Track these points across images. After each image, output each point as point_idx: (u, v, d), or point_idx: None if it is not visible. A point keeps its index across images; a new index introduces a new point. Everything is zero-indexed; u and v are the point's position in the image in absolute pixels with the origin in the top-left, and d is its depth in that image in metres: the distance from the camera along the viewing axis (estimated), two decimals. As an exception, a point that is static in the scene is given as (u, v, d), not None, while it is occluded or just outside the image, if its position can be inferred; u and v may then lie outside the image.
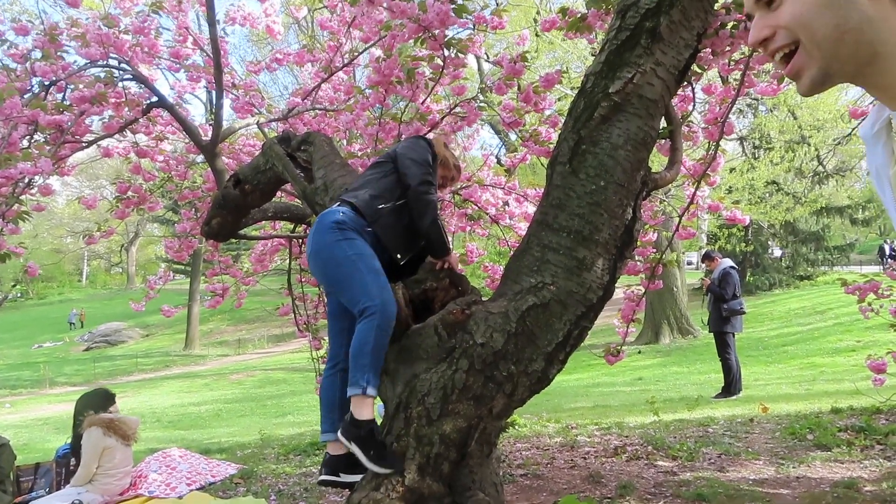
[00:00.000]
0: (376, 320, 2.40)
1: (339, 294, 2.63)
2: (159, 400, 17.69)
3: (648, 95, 2.50)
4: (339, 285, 2.56)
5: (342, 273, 2.53)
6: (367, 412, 2.44)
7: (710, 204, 4.94)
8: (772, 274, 25.00)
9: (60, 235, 47.96)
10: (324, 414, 2.72)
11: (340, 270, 2.53)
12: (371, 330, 2.39)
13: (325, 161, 3.28)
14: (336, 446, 2.65)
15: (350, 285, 2.50)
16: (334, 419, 2.65)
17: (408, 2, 3.42)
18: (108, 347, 34.13)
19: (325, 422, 2.70)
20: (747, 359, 12.94)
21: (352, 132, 4.70)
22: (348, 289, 2.51)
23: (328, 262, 2.57)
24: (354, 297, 2.47)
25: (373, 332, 2.39)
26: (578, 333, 2.55)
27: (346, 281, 2.51)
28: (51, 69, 3.98)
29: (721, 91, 3.90)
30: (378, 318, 2.40)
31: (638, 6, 2.49)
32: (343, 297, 2.58)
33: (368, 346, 2.39)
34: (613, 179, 2.49)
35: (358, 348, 2.41)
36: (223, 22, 5.02)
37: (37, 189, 3.92)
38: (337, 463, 2.64)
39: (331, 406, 2.69)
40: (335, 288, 2.63)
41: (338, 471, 2.63)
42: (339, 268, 2.53)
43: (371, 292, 2.44)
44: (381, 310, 2.41)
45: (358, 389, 2.41)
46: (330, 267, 2.57)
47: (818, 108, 17.36)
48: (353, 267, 2.51)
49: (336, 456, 2.66)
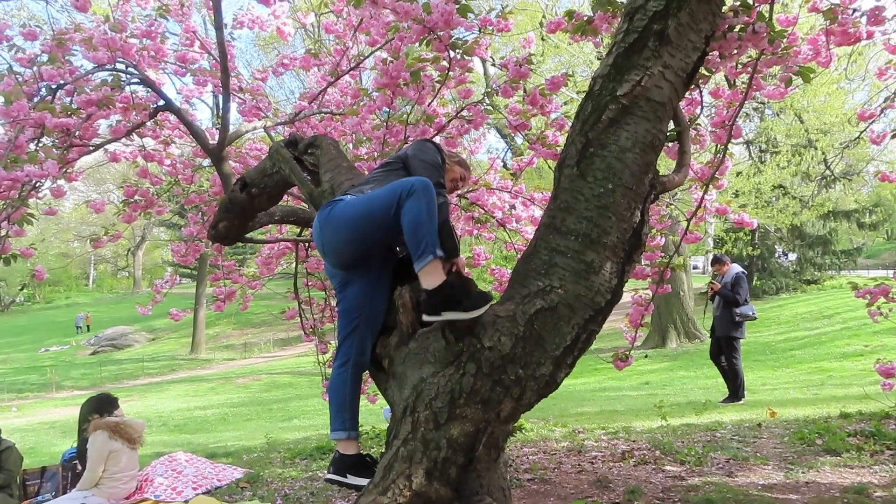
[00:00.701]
0: (420, 194, 2.39)
1: (370, 226, 2.53)
2: (165, 404, 17.72)
3: (656, 98, 2.49)
4: (368, 215, 2.51)
5: (362, 207, 2.53)
6: (439, 277, 2.41)
7: (717, 207, 4.93)
8: (779, 278, 24.92)
9: (67, 240, 48.19)
10: (333, 413, 2.69)
11: (360, 207, 2.53)
12: (420, 200, 2.38)
13: (332, 164, 3.27)
14: (345, 445, 2.64)
15: (378, 202, 2.49)
16: (345, 418, 2.64)
17: (412, 3, 3.42)
18: (115, 351, 34.22)
19: (334, 421, 2.67)
20: (754, 363, 12.90)
21: (358, 136, 4.70)
22: (377, 206, 2.48)
23: (343, 217, 2.55)
24: (388, 199, 2.44)
25: (422, 200, 2.38)
26: (586, 337, 2.53)
27: (372, 202, 2.51)
28: (58, 73, 3.99)
29: (729, 94, 3.88)
30: (420, 190, 2.39)
31: (646, 9, 2.47)
32: (376, 218, 2.49)
33: (423, 215, 2.38)
34: (621, 182, 2.47)
35: (416, 223, 2.38)
36: (231, 26, 5.03)
37: (46, 192, 3.93)
38: (345, 464, 2.63)
39: (341, 405, 2.67)
40: (364, 222, 2.53)
41: (345, 472, 2.61)
42: (358, 206, 2.54)
43: (401, 183, 2.44)
44: (419, 184, 2.41)
45: (430, 256, 2.38)
46: (348, 216, 2.54)
47: (825, 112, 17.31)
48: (369, 197, 2.54)
49: (345, 456, 2.64)
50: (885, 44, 4.48)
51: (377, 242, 2.62)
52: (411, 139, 4.14)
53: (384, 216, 2.45)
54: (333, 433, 2.68)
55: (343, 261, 2.67)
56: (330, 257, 2.70)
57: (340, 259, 2.67)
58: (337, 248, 2.64)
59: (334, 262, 2.70)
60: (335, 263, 2.70)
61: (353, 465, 2.60)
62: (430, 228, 2.39)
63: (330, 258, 2.70)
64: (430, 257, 2.38)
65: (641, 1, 2.50)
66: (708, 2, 2.53)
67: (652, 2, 2.47)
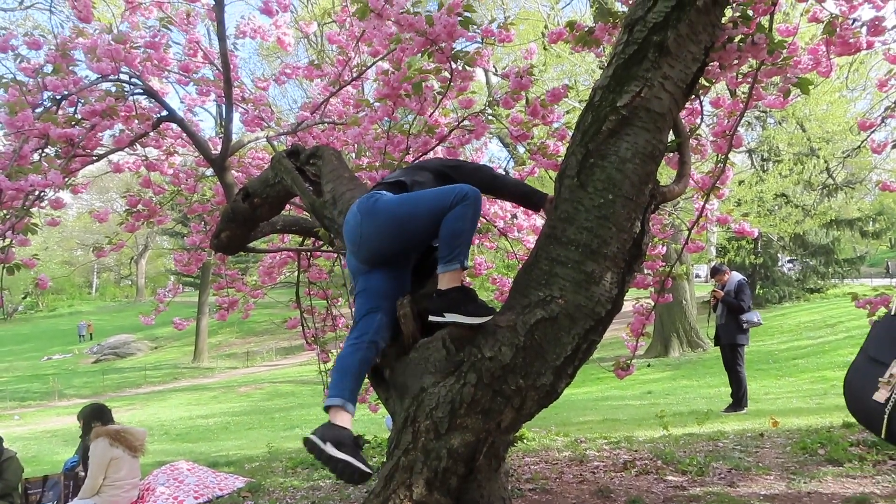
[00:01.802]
0: (471, 202, 2.48)
1: (415, 224, 2.56)
2: (168, 412, 17.72)
3: (656, 109, 2.50)
4: (415, 214, 2.55)
5: (410, 205, 2.57)
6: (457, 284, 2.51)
7: (718, 217, 4.94)
8: (782, 287, 24.88)
9: (71, 248, 48.28)
10: (335, 379, 2.56)
11: (408, 204, 2.58)
12: (469, 208, 2.48)
13: (334, 175, 3.29)
14: (338, 414, 2.48)
15: (427, 202, 2.54)
16: (344, 386, 2.52)
17: (415, 15, 3.44)
18: (117, 360, 34.25)
19: (333, 387, 2.55)
20: (757, 372, 12.87)
21: (360, 146, 4.72)
22: (426, 206, 2.53)
23: (389, 211, 2.57)
24: (440, 200, 2.50)
25: (470, 209, 2.48)
26: (587, 347, 2.54)
27: (422, 202, 2.56)
28: (62, 83, 4.01)
29: (729, 104, 3.90)
30: (472, 199, 2.49)
31: (645, 20, 2.49)
32: (423, 217, 2.54)
33: (468, 224, 2.49)
34: (622, 193, 2.49)
35: (458, 229, 2.48)
36: (233, 36, 5.06)
37: (47, 203, 3.95)
38: (332, 434, 2.41)
39: (344, 371, 2.55)
40: (410, 220, 2.56)
41: (326, 440, 2.39)
42: (406, 203, 2.59)
43: (454, 188, 2.52)
44: (472, 192, 2.49)
45: (458, 264, 2.49)
46: (393, 211, 2.57)
47: (827, 121, 17.31)
48: (417, 195, 2.60)
49: (334, 426, 2.44)
50: (885, 54, 4.50)
51: (416, 241, 2.64)
52: (413, 150, 4.16)
53: (432, 217, 2.51)
54: (328, 399, 2.53)
55: (375, 255, 2.65)
56: (362, 251, 2.65)
57: (373, 253, 2.65)
58: (375, 242, 2.61)
59: (365, 257, 2.67)
60: (365, 258, 2.67)
61: (337, 439, 2.39)
62: (467, 238, 2.52)
63: (362, 252, 2.66)
64: (458, 266, 2.49)
65: (641, 12, 2.52)
66: (707, 13, 2.55)
67: (651, 13, 2.49)
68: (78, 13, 4.22)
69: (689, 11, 2.47)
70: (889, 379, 1.13)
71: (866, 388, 1.17)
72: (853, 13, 3.50)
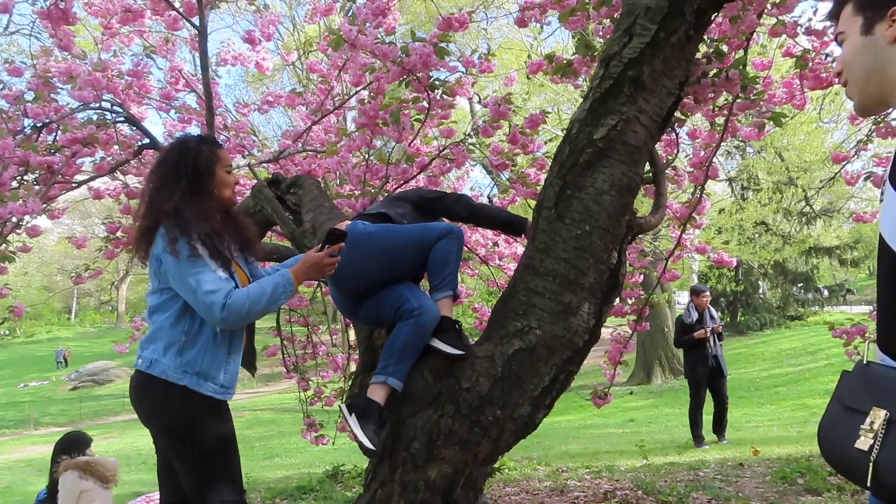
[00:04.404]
0: (455, 238, 2.62)
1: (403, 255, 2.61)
2: (146, 441, 17.38)
3: (632, 142, 2.54)
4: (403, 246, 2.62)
5: (399, 237, 2.63)
6: (447, 312, 2.58)
7: (697, 246, 4.99)
8: (763, 314, 25.04)
9: (50, 273, 47.68)
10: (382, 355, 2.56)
11: (398, 237, 2.64)
12: (454, 242, 2.61)
13: (314, 204, 3.30)
14: (374, 389, 2.45)
15: (414, 235, 2.63)
16: (388, 363, 2.47)
17: (389, 45, 3.48)
18: (96, 387, 33.64)
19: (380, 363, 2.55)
20: (739, 399, 12.89)
21: (341, 174, 4.74)
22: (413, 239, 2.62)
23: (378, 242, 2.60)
24: (426, 234, 2.60)
25: (455, 244, 2.61)
26: (564, 378, 2.55)
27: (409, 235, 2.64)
28: (43, 111, 4.00)
29: (706, 135, 3.97)
30: (457, 235, 2.63)
31: (621, 56, 2.54)
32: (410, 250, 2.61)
33: (453, 255, 2.61)
34: (598, 224, 2.51)
35: (445, 260, 2.59)
36: (215, 63, 5.09)
37: (23, 230, 3.92)
38: (359, 406, 2.41)
39: (389, 349, 2.51)
40: (398, 251, 2.61)
41: (351, 411, 2.40)
42: (395, 235, 2.64)
43: (438, 224, 2.65)
44: (457, 229, 2.64)
45: (448, 291, 2.60)
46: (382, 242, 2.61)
47: (805, 150, 17.58)
48: (405, 229, 2.67)
49: (366, 398, 2.44)
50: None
51: (401, 273, 2.64)
52: (392, 178, 4.18)
53: (418, 249, 2.59)
54: (374, 375, 2.52)
55: (361, 285, 2.64)
56: (349, 281, 2.62)
57: (360, 283, 2.63)
58: (364, 272, 2.60)
59: (351, 287, 2.66)
60: (351, 288, 2.66)
61: (364, 410, 2.38)
62: (454, 268, 2.62)
63: (349, 282, 2.63)
64: (449, 292, 2.59)
65: (617, 48, 2.57)
66: (681, 49, 2.60)
67: (627, 49, 2.54)
68: (59, 42, 4.23)
69: (664, 48, 2.53)
70: (871, 426, 1.14)
71: (846, 438, 1.18)
72: (825, 48, 3.59)
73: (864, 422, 1.14)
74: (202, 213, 2.32)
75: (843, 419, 1.21)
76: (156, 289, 2.38)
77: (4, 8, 4.20)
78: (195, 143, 2.45)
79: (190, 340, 2.31)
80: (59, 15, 4.20)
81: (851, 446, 1.15)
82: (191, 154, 2.40)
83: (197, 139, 2.51)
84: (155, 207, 2.34)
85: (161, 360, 2.28)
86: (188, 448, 2.28)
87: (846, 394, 1.24)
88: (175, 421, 2.28)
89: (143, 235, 2.36)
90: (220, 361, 2.37)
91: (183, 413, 2.28)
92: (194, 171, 2.37)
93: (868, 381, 1.19)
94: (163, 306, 2.35)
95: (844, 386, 1.26)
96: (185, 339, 2.30)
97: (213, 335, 2.35)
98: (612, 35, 2.70)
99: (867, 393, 1.18)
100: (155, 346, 2.31)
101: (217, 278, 2.23)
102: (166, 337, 2.30)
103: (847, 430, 1.17)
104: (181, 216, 2.28)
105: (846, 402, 1.22)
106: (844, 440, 1.18)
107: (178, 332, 2.30)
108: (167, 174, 2.39)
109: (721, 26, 3.37)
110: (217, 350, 2.36)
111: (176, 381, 2.26)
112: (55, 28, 4.24)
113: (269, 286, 2.29)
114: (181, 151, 2.42)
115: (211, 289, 2.20)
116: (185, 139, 2.54)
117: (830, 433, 1.25)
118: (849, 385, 1.24)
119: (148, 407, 2.36)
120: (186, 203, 2.31)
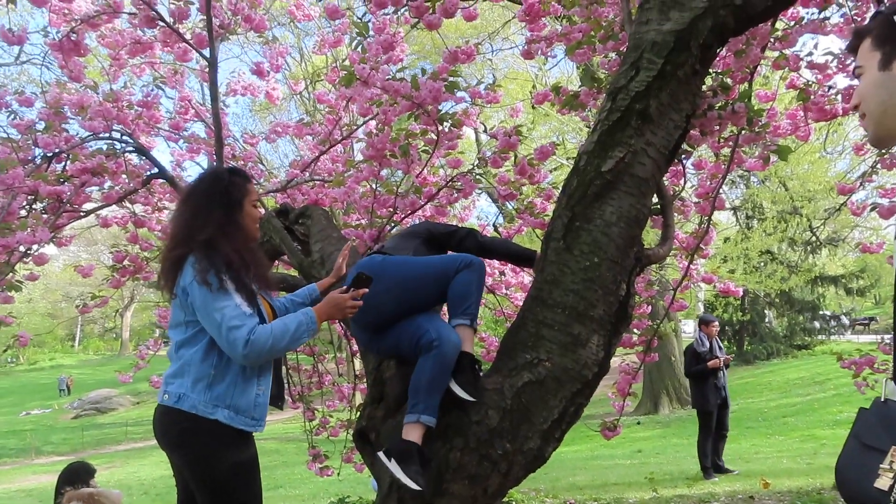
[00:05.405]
0: (476, 269, 2.60)
1: (422, 288, 2.62)
2: (148, 471, 17.26)
3: (640, 174, 2.55)
4: (423, 277, 2.61)
5: (418, 269, 2.63)
6: (468, 345, 2.53)
7: (704, 275, 4.98)
8: (769, 343, 24.87)
9: (55, 300, 47.73)
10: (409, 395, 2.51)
11: (417, 269, 2.64)
12: (474, 274, 2.58)
13: (322, 235, 3.31)
14: (408, 429, 2.39)
15: (434, 267, 2.62)
16: (416, 401, 2.42)
17: (400, 81, 3.52)
18: (98, 415, 33.48)
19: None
20: (747, 430, 12.75)
21: (349, 203, 4.75)
22: (433, 271, 2.60)
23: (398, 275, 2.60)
24: (445, 266, 2.59)
25: (475, 275, 2.58)
26: (574, 410, 2.53)
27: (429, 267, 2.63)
28: (53, 141, 4.04)
29: (711, 166, 3.98)
30: (477, 266, 2.61)
31: (628, 89, 2.56)
32: (429, 282, 2.60)
33: (473, 287, 2.57)
34: (607, 256, 2.51)
35: (466, 291, 2.55)
36: (224, 94, 5.14)
37: (30, 259, 3.93)
38: (394, 448, 2.36)
39: (415, 388, 2.45)
40: (417, 283, 2.61)
41: (390, 456, 2.34)
42: (414, 267, 2.65)
43: (460, 255, 2.64)
44: (478, 261, 2.62)
45: (467, 320, 2.54)
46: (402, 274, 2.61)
47: (809, 180, 17.63)
48: (424, 261, 2.67)
49: (400, 439, 2.39)
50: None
51: (419, 306, 2.62)
52: (400, 208, 4.19)
53: (437, 282, 2.57)
54: (406, 415, 2.47)
55: (379, 317, 2.61)
56: (366, 313, 2.52)
57: (377, 315, 2.60)
58: (380, 304, 2.56)
59: (367, 319, 2.63)
60: (367, 320, 2.63)
61: (402, 453, 2.33)
62: (475, 300, 2.58)
63: (366, 314, 2.54)
64: (468, 321, 2.53)
65: (624, 81, 2.59)
66: (688, 83, 2.62)
67: (634, 82, 2.55)
68: (69, 73, 4.28)
69: (671, 81, 2.55)
70: (890, 465, 1.12)
71: (865, 476, 1.16)
72: (828, 81, 3.62)
73: (883, 461, 1.13)
74: (233, 245, 2.32)
75: (862, 457, 1.19)
76: (181, 321, 2.36)
77: (19, 40, 4.26)
78: (227, 175, 2.46)
79: (219, 374, 2.30)
80: (71, 46, 4.26)
81: (871, 485, 1.13)
82: (223, 185, 2.41)
83: (228, 171, 2.51)
84: (187, 236, 2.34)
85: (190, 394, 2.27)
86: (213, 478, 2.28)
87: (864, 431, 1.22)
88: (203, 451, 2.28)
89: (174, 265, 2.34)
90: (251, 394, 2.37)
91: (213, 444, 2.28)
92: (228, 202, 2.38)
93: (886, 419, 1.18)
94: (191, 340, 2.33)
95: (862, 423, 1.24)
96: (214, 372, 2.29)
97: (242, 368, 2.34)
98: (618, 68, 2.72)
99: (885, 431, 1.16)
100: (182, 381, 2.30)
101: (241, 313, 2.22)
102: (195, 371, 2.29)
103: (866, 469, 1.16)
104: (213, 247, 2.28)
105: (865, 441, 1.20)
106: (863, 479, 1.16)
107: (208, 367, 2.29)
108: (200, 204, 2.39)
109: (726, 59, 3.40)
110: (247, 384, 2.36)
111: (207, 415, 2.25)
112: (66, 59, 4.30)
113: (293, 324, 2.28)
114: (213, 182, 2.43)
115: (235, 324, 2.19)
116: (217, 170, 2.55)
117: (848, 471, 1.23)
118: (866, 422, 1.23)
119: (175, 436, 2.33)
120: (219, 234, 2.31)
